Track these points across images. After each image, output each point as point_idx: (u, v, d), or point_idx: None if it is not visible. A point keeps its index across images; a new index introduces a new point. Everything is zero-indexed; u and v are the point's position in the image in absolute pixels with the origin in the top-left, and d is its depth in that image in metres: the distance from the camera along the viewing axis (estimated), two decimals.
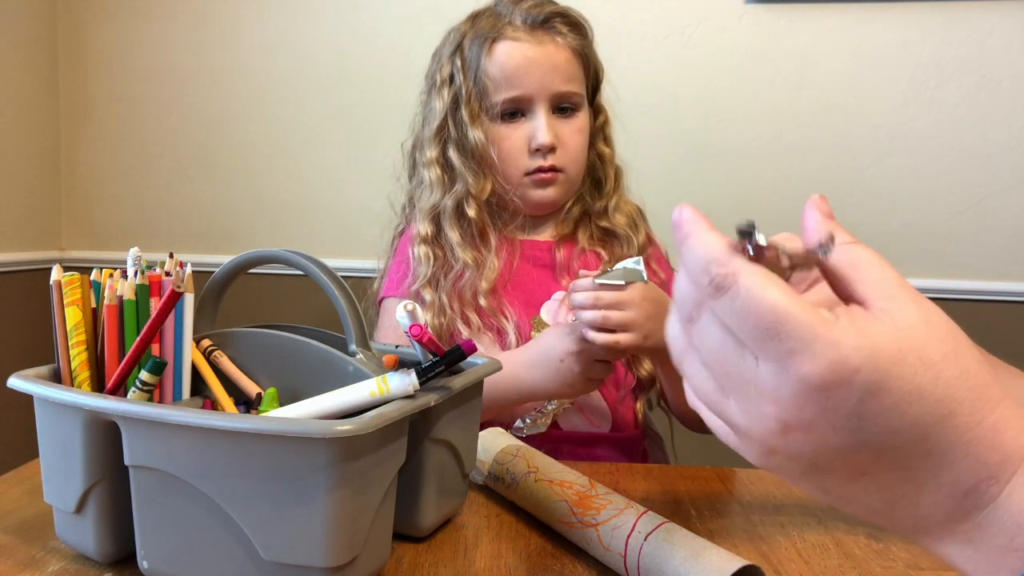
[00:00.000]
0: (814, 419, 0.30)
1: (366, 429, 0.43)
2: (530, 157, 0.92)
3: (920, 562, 0.56)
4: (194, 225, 1.59)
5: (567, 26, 0.93)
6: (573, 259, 0.97)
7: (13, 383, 0.51)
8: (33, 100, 1.53)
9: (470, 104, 0.92)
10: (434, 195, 0.95)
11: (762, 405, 0.30)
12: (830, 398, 0.29)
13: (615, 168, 1.02)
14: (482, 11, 0.96)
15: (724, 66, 1.45)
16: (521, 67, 0.91)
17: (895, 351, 0.29)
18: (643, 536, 0.50)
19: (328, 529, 0.43)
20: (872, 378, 0.29)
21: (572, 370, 0.76)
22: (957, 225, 1.40)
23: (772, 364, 0.30)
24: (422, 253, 0.93)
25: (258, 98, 1.55)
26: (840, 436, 0.30)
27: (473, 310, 0.91)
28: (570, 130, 0.94)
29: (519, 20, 0.92)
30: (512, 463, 0.65)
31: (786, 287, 0.30)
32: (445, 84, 0.95)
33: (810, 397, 0.29)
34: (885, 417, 0.29)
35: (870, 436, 0.29)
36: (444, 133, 0.95)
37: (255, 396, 0.56)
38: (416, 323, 0.50)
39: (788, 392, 0.30)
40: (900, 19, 1.41)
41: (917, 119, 1.42)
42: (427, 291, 0.92)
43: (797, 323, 0.29)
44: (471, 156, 0.93)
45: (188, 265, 0.56)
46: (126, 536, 0.49)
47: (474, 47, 0.93)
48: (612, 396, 0.93)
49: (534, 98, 0.91)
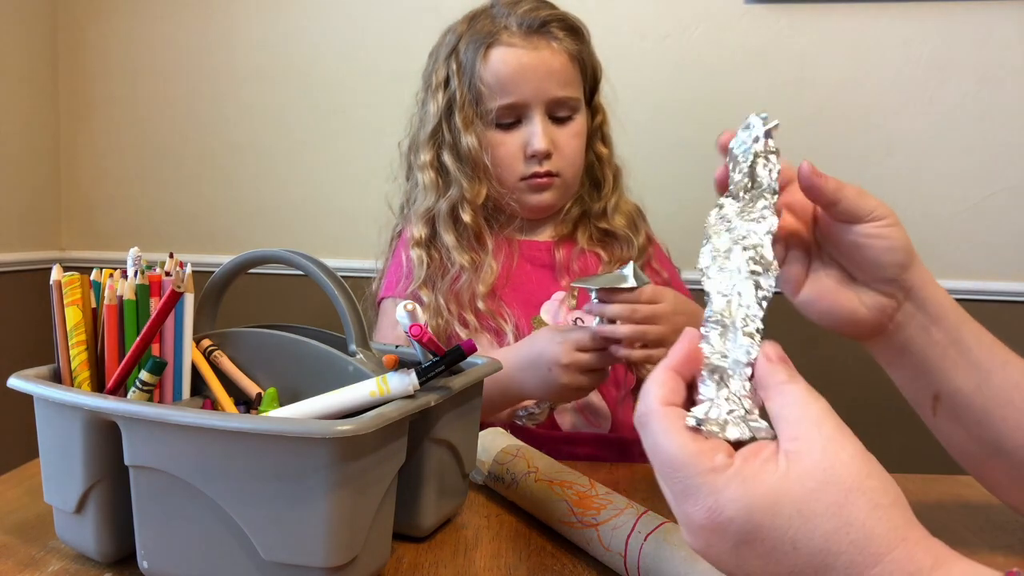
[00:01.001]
0: (703, 549, 0.34)
1: (366, 429, 0.43)
2: (526, 163, 0.92)
3: None
4: (194, 225, 1.59)
5: (563, 30, 0.93)
6: (572, 259, 0.97)
7: (13, 383, 0.51)
8: (33, 100, 1.53)
9: (464, 110, 0.92)
10: (428, 199, 0.95)
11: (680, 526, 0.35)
12: (709, 537, 0.33)
13: (614, 168, 1.02)
14: (479, 12, 0.96)
15: (724, 66, 1.45)
16: (516, 73, 0.90)
17: (771, 504, 0.31)
18: (643, 536, 0.50)
19: (328, 529, 0.43)
20: (745, 528, 0.31)
21: (559, 380, 0.75)
22: (957, 225, 1.40)
23: (672, 497, 0.34)
24: (416, 256, 0.93)
25: (258, 98, 1.55)
26: (727, 567, 0.33)
27: (471, 312, 0.91)
28: (566, 135, 0.93)
29: (515, 25, 0.91)
30: (512, 463, 0.65)
31: (688, 435, 0.34)
32: (440, 87, 0.95)
33: (696, 532, 0.33)
34: (761, 562, 0.31)
35: (752, 573, 0.32)
36: (438, 137, 0.95)
37: (255, 396, 0.56)
38: (416, 323, 0.50)
39: (681, 521, 0.34)
40: (900, 19, 1.41)
41: (917, 119, 1.42)
42: (424, 292, 0.92)
43: (690, 470, 0.33)
44: (465, 161, 0.93)
45: (188, 265, 0.56)
46: (126, 536, 0.49)
47: (469, 51, 0.93)
48: (612, 396, 0.93)
49: (530, 104, 0.91)
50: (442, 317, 0.90)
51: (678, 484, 0.33)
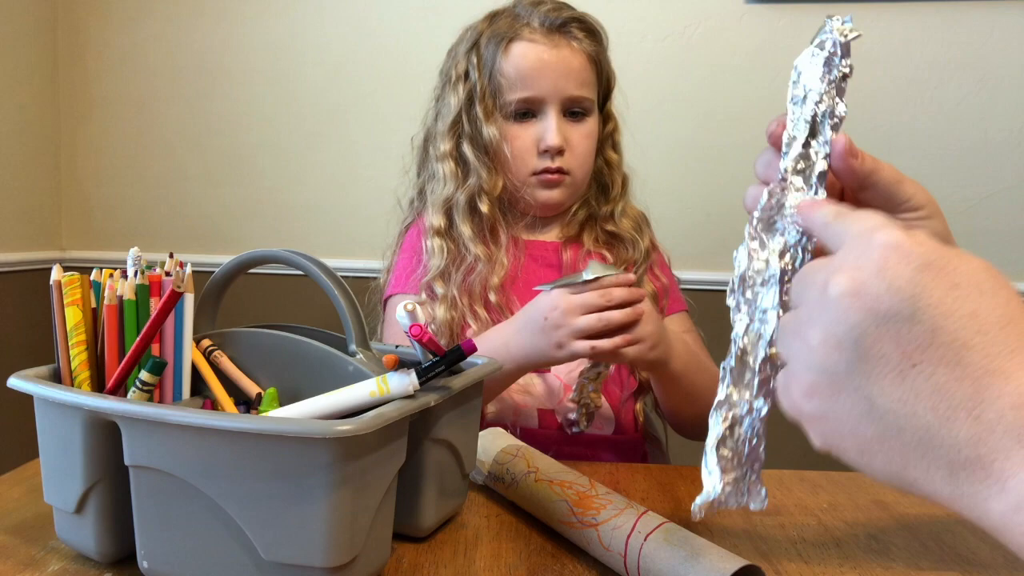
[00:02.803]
0: (874, 277, 0.31)
1: (366, 429, 0.43)
2: (538, 158, 0.93)
3: (920, 562, 0.56)
4: (194, 225, 1.59)
5: (583, 32, 0.94)
6: (579, 260, 0.97)
7: (13, 383, 0.51)
8: (33, 100, 1.53)
9: (484, 101, 0.93)
10: (447, 188, 0.95)
11: (830, 281, 0.32)
12: (894, 257, 0.31)
13: (622, 175, 1.02)
14: (500, 11, 0.97)
15: (724, 66, 1.45)
16: (535, 68, 0.91)
17: (960, 252, 0.31)
18: (643, 536, 0.50)
19: (328, 529, 0.43)
20: (934, 255, 0.30)
21: (557, 326, 0.73)
22: (957, 225, 1.39)
23: (851, 241, 0.33)
24: (435, 245, 0.93)
25: (258, 98, 1.55)
26: (893, 299, 0.30)
27: (482, 305, 0.91)
28: (579, 134, 0.94)
29: (536, 23, 0.93)
30: (512, 463, 0.65)
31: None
32: (460, 80, 0.95)
33: (878, 254, 0.31)
34: (939, 292, 0.30)
35: (923, 306, 0.30)
36: (458, 128, 0.95)
37: (255, 396, 0.56)
38: (416, 323, 0.50)
39: (856, 255, 0.32)
40: (900, 19, 1.41)
41: (917, 119, 1.42)
42: (439, 284, 0.92)
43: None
44: (485, 152, 0.93)
45: (188, 265, 0.56)
46: (126, 536, 0.49)
47: (491, 46, 0.94)
48: (616, 398, 0.93)
49: (546, 100, 0.92)
50: (456, 309, 0.91)
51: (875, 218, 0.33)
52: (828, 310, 0.32)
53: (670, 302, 0.99)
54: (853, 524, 0.62)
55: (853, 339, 0.31)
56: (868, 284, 0.31)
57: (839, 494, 0.70)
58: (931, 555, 0.57)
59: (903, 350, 0.30)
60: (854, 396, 0.32)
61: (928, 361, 0.30)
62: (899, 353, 0.30)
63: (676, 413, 0.90)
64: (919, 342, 0.30)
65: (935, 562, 0.56)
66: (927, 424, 0.30)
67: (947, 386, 0.29)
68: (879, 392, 0.31)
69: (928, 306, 0.30)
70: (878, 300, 0.31)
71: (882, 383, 0.31)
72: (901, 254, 0.31)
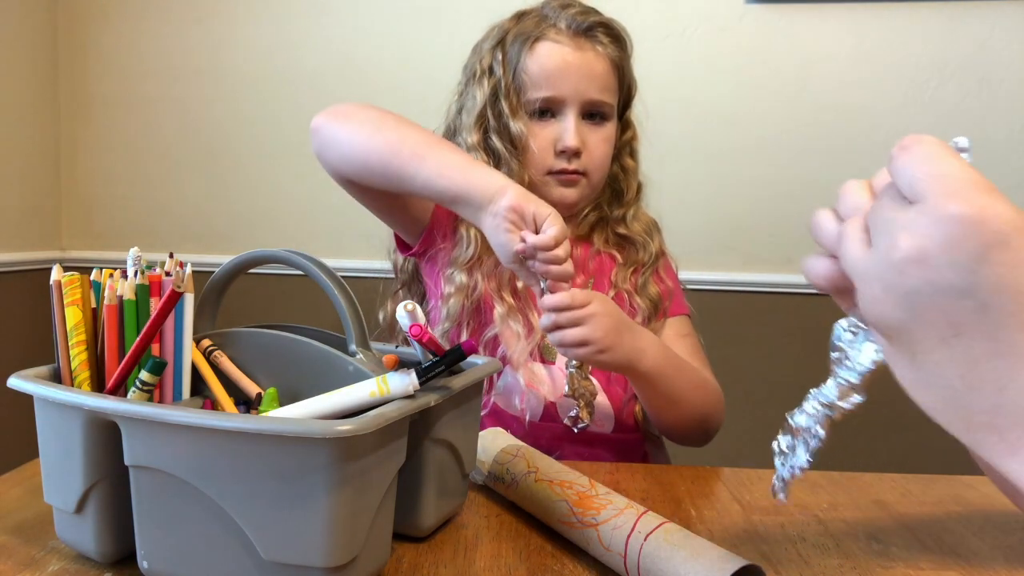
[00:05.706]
0: (939, 249, 0.31)
1: (366, 429, 0.43)
2: (555, 157, 0.93)
3: (920, 562, 0.56)
4: (194, 225, 1.59)
5: (608, 37, 0.95)
6: (589, 259, 0.98)
7: (13, 383, 0.51)
8: (33, 100, 1.53)
9: (509, 97, 0.93)
10: None
11: (898, 238, 0.33)
12: (963, 232, 0.31)
13: (638, 182, 1.03)
14: (528, 11, 0.97)
15: (724, 66, 1.45)
16: (559, 69, 0.92)
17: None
18: (643, 536, 0.50)
19: (328, 529, 0.43)
20: (1007, 230, 0.31)
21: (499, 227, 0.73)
22: None
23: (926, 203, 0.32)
24: (472, 235, 0.93)
25: (258, 98, 1.55)
26: (954, 274, 0.31)
27: (509, 292, 0.92)
28: (597, 138, 0.94)
29: (563, 24, 0.93)
30: (512, 463, 0.65)
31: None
32: (485, 75, 0.96)
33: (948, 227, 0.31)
34: (1001, 269, 0.31)
35: (981, 282, 0.31)
36: (484, 122, 0.96)
37: (255, 396, 0.56)
38: (416, 323, 0.50)
39: (927, 222, 0.32)
40: (900, 19, 1.41)
41: (917, 119, 1.42)
42: (462, 274, 0.92)
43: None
44: (513, 145, 0.94)
45: (188, 265, 0.56)
46: (126, 536, 0.49)
47: (516, 43, 0.94)
48: (618, 397, 0.93)
49: (566, 101, 0.92)
50: (477, 291, 0.91)
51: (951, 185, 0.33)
52: (891, 269, 0.33)
53: (672, 305, 0.99)
54: (853, 524, 0.62)
55: (909, 303, 0.33)
56: (933, 255, 0.32)
57: (839, 494, 0.70)
58: (931, 555, 0.57)
59: (949, 319, 0.32)
60: (900, 348, 0.34)
61: (969, 334, 0.31)
62: (945, 322, 0.32)
63: (657, 415, 0.90)
64: (966, 315, 0.31)
65: (935, 562, 0.56)
66: (953, 390, 0.32)
67: (980, 359, 0.31)
68: (920, 349, 0.33)
69: (985, 283, 0.31)
70: (939, 272, 0.32)
71: (924, 344, 0.33)
72: (972, 230, 0.31)
